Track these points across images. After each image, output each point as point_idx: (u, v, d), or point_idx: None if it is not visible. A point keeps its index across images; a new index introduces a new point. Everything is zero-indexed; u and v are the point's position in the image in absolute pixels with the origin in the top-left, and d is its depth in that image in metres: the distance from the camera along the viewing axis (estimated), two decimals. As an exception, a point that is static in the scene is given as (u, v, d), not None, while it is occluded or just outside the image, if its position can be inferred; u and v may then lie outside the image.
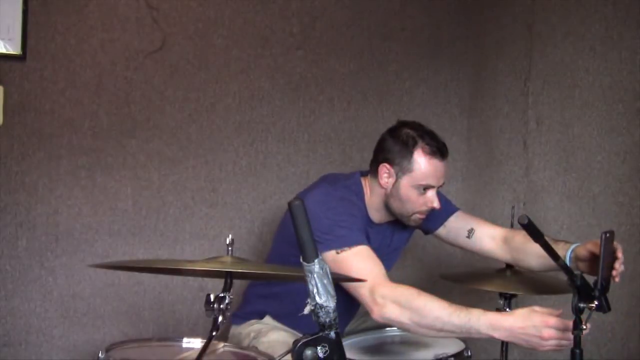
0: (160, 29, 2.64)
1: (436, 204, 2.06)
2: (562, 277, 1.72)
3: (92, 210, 2.57)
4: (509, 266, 2.25)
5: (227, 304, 1.53)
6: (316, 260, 1.19)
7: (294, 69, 2.83)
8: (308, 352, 1.19)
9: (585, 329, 1.57)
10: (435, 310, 1.74)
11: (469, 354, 1.86)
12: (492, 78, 2.96)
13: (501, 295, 2.14)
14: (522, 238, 2.10)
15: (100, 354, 1.65)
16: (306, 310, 1.22)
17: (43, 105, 2.50)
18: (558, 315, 1.69)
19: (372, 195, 2.12)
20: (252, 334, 2.16)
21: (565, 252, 1.95)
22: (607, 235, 1.63)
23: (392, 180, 2.05)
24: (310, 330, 1.87)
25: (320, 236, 1.81)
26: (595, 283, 1.64)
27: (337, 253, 1.89)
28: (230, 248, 1.65)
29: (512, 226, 2.31)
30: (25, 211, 2.50)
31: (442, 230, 2.29)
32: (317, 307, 1.19)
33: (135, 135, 2.62)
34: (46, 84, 2.51)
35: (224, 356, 1.84)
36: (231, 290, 1.56)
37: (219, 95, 2.73)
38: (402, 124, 2.10)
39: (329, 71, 2.88)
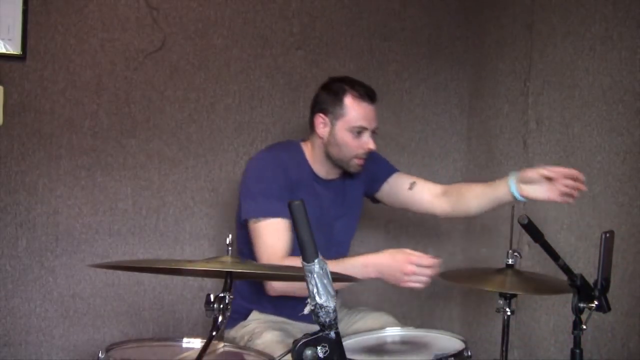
0: (160, 29, 2.64)
1: (371, 145, 2.20)
2: (562, 277, 1.72)
3: (92, 210, 2.58)
4: (509, 266, 2.25)
5: (227, 304, 1.53)
6: (316, 260, 1.19)
7: (294, 69, 2.83)
8: (308, 352, 1.19)
9: (585, 328, 1.57)
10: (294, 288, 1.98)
11: (469, 354, 1.86)
12: (492, 78, 2.96)
13: (501, 295, 2.14)
14: (458, 186, 2.41)
15: (100, 354, 1.65)
16: (306, 310, 1.22)
17: (43, 105, 2.51)
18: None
19: (315, 150, 2.26)
20: (246, 337, 2.18)
21: (507, 183, 2.15)
22: (607, 235, 1.63)
23: (328, 129, 2.20)
24: (294, 312, 1.99)
25: (246, 201, 2.12)
26: (595, 283, 1.65)
27: (254, 222, 2.10)
28: (230, 248, 1.65)
29: (512, 226, 2.31)
30: (25, 211, 2.50)
31: (385, 187, 2.41)
32: (317, 307, 1.19)
33: (135, 135, 2.62)
34: (46, 84, 2.51)
35: (224, 356, 1.84)
36: (231, 290, 1.56)
37: (219, 95, 2.73)
38: (333, 79, 2.27)
39: (329, 71, 2.87)
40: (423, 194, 2.39)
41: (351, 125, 2.18)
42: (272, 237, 2.06)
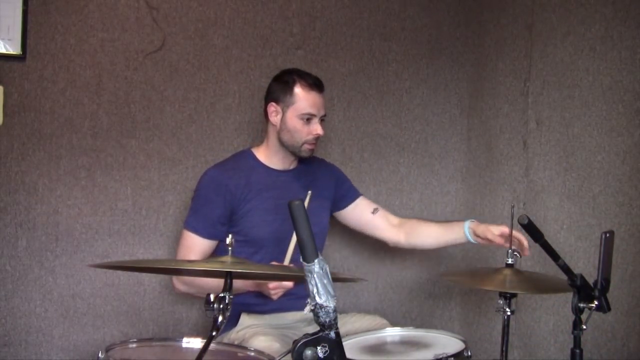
0: (160, 29, 2.64)
1: (319, 131, 2.35)
2: (562, 276, 1.72)
3: (92, 210, 2.58)
4: (508, 266, 2.25)
5: (227, 304, 1.53)
6: (316, 260, 1.19)
7: (294, 69, 2.83)
8: (308, 352, 1.19)
9: (584, 328, 1.57)
10: (210, 282, 2.12)
11: (469, 354, 1.86)
12: (492, 78, 2.96)
13: (501, 294, 2.13)
14: (416, 220, 2.60)
15: (100, 354, 1.65)
16: (306, 310, 1.22)
17: (43, 105, 2.51)
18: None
19: (269, 141, 2.41)
20: (237, 342, 2.21)
21: (462, 228, 2.41)
22: (607, 235, 1.63)
23: (279, 116, 2.36)
24: (279, 306, 2.20)
25: (188, 214, 2.36)
26: (595, 283, 1.65)
27: (183, 229, 2.36)
28: (230, 248, 1.65)
29: (512, 226, 2.31)
30: (25, 211, 2.50)
31: (350, 207, 2.58)
32: (317, 307, 1.19)
33: (135, 135, 2.62)
34: (46, 84, 2.51)
35: (224, 356, 1.84)
36: (231, 290, 1.56)
37: (219, 95, 2.73)
38: (284, 71, 2.42)
39: (329, 71, 2.88)
40: (383, 221, 2.57)
41: (300, 112, 2.32)
42: (185, 248, 2.32)
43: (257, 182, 2.36)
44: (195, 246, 2.31)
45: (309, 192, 2.30)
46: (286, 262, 2.21)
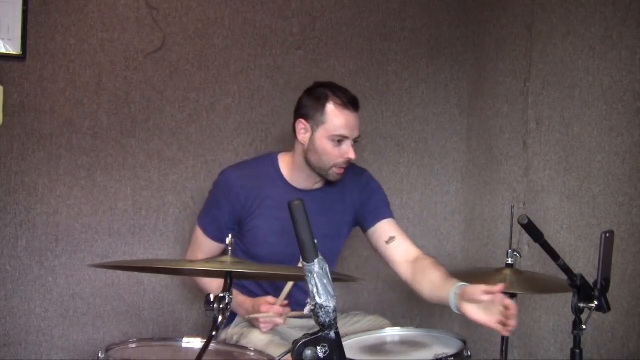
0: (160, 29, 2.64)
1: (351, 155, 2.15)
2: (562, 276, 1.72)
3: (92, 210, 2.58)
4: (508, 266, 2.25)
5: (227, 303, 1.53)
6: (316, 260, 1.19)
7: (294, 69, 2.83)
8: (308, 352, 1.19)
9: (584, 328, 1.57)
10: (208, 285, 2.19)
11: (469, 354, 1.86)
12: (492, 78, 2.96)
13: (501, 295, 2.13)
14: (428, 263, 2.18)
15: (100, 354, 1.65)
16: (306, 310, 1.22)
17: (43, 105, 2.51)
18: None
19: (295, 158, 2.23)
20: (235, 337, 2.20)
21: (451, 287, 1.97)
22: (607, 235, 1.63)
23: (308, 135, 2.17)
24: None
25: (202, 207, 2.33)
26: (595, 283, 1.65)
27: (196, 225, 2.32)
28: (230, 248, 1.66)
29: (512, 226, 2.31)
30: (25, 211, 2.50)
31: (370, 231, 2.32)
32: (317, 307, 1.19)
33: (135, 135, 2.62)
34: (46, 84, 2.51)
35: (224, 356, 1.85)
36: (231, 290, 1.56)
37: (219, 95, 2.73)
38: (317, 84, 2.22)
39: (329, 71, 2.88)
40: (396, 252, 2.27)
41: (332, 133, 2.13)
42: (195, 244, 2.33)
43: (270, 197, 2.21)
44: (203, 245, 2.29)
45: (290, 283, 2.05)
46: (280, 300, 2.06)
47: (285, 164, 2.27)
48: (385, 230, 2.30)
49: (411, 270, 2.22)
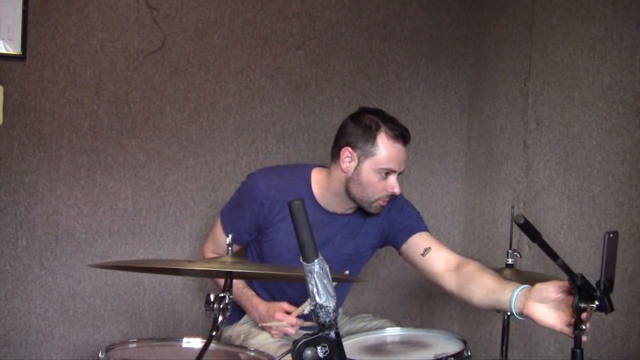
0: (160, 29, 2.64)
1: (397, 190, 2.06)
2: (563, 276, 1.71)
3: (92, 210, 2.58)
4: (508, 266, 2.25)
5: (227, 304, 1.53)
6: (316, 260, 1.19)
7: (294, 69, 2.83)
8: (308, 352, 1.19)
9: (585, 329, 1.57)
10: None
11: (469, 354, 1.86)
12: (492, 78, 2.97)
13: (501, 295, 2.13)
14: (474, 267, 1.99)
15: (100, 354, 1.65)
16: (306, 310, 1.22)
17: (43, 105, 2.51)
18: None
19: (331, 182, 2.11)
20: (242, 336, 2.19)
21: (514, 288, 1.79)
22: (611, 235, 1.63)
23: (354, 165, 2.05)
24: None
25: (229, 200, 2.29)
26: (598, 283, 1.64)
27: (218, 218, 2.27)
28: (230, 248, 1.65)
29: (512, 226, 2.31)
30: (25, 211, 2.50)
31: (404, 247, 2.19)
32: (317, 307, 1.19)
33: (135, 135, 2.62)
34: (46, 84, 2.51)
35: (224, 355, 1.85)
36: (231, 290, 1.56)
37: (219, 95, 2.73)
38: (364, 110, 2.11)
39: (329, 71, 2.88)
40: (434, 262, 2.09)
41: (380, 166, 2.03)
42: (213, 235, 2.30)
43: None
44: (220, 240, 2.21)
45: (346, 272, 1.98)
46: (295, 314, 2.00)
47: (317, 182, 2.16)
48: (419, 244, 2.15)
49: (455, 279, 2.02)
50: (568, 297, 1.63)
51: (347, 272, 1.96)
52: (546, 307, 1.68)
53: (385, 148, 2.03)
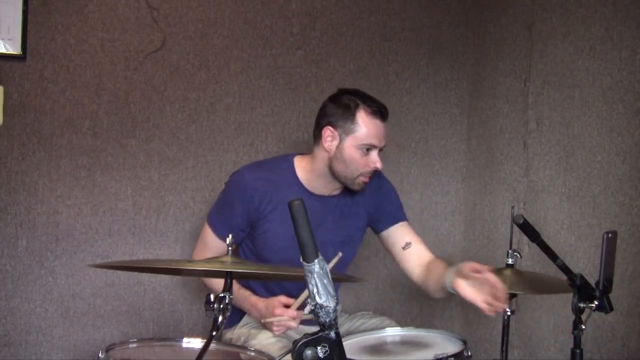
0: (160, 29, 2.64)
1: (379, 165, 2.13)
2: (563, 277, 1.72)
3: (92, 210, 2.58)
4: (509, 266, 2.25)
5: (227, 303, 1.53)
6: (316, 260, 1.19)
7: (294, 69, 2.83)
8: (308, 352, 1.19)
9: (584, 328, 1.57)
10: (215, 285, 2.13)
11: (469, 354, 1.86)
12: (492, 78, 2.97)
13: (501, 295, 2.13)
14: (434, 263, 2.21)
15: (100, 354, 1.65)
16: (306, 310, 1.22)
17: (43, 105, 2.51)
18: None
19: (315, 164, 2.19)
20: (242, 338, 2.19)
21: (449, 269, 2.02)
22: (610, 235, 1.63)
23: (335, 143, 2.13)
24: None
25: (214, 203, 2.28)
26: (597, 283, 1.64)
27: (205, 223, 2.26)
28: (230, 248, 1.65)
29: (512, 226, 2.31)
30: (25, 211, 2.50)
31: (384, 234, 2.32)
32: (317, 307, 1.19)
33: (135, 135, 2.62)
34: (46, 84, 2.51)
35: (224, 356, 1.85)
36: (231, 290, 1.56)
37: (219, 95, 2.73)
38: (342, 91, 2.20)
39: (329, 71, 2.88)
40: (412, 258, 2.28)
41: (361, 142, 2.10)
42: (203, 242, 2.27)
43: (284, 201, 2.01)
44: (212, 244, 2.21)
45: (339, 254, 1.99)
46: (294, 306, 2.02)
47: (301, 168, 2.22)
48: (401, 235, 2.29)
49: (423, 274, 2.23)
50: (487, 279, 1.86)
51: (340, 254, 1.98)
52: (468, 283, 1.93)
53: (364, 124, 2.10)
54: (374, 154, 2.13)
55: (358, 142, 2.10)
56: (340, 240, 2.22)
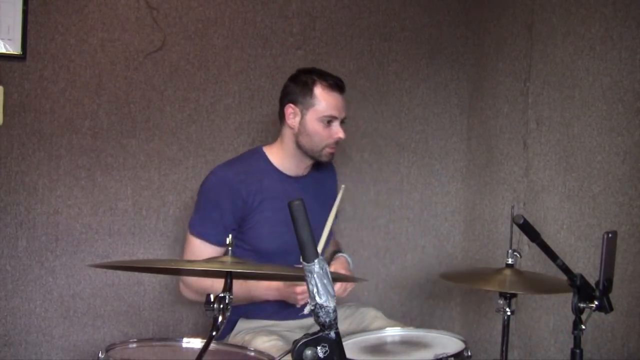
0: (160, 29, 2.64)
1: (341, 134, 2.25)
2: (563, 277, 1.72)
3: (92, 210, 2.58)
4: (508, 266, 2.25)
5: (227, 304, 1.53)
6: (316, 261, 1.19)
7: (294, 69, 2.81)
8: (308, 352, 1.19)
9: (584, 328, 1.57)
10: (216, 284, 2.01)
11: (469, 354, 1.86)
12: (492, 78, 2.97)
13: (501, 295, 2.14)
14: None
15: (100, 354, 1.65)
16: (306, 310, 1.22)
17: (43, 105, 2.51)
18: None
19: (283, 144, 2.29)
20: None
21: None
22: (610, 235, 1.63)
23: (298, 119, 2.24)
24: (279, 313, 2.18)
25: (194, 211, 2.24)
26: (597, 283, 1.64)
27: (188, 233, 2.23)
28: (230, 248, 1.65)
29: (512, 226, 2.30)
30: (25, 211, 2.50)
31: None
32: (317, 307, 1.19)
33: (135, 135, 2.62)
34: (46, 84, 2.51)
35: (224, 356, 1.85)
36: (231, 290, 1.56)
37: (219, 95, 2.73)
38: (300, 70, 2.32)
39: (329, 71, 2.87)
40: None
41: (322, 114, 2.22)
42: (193, 256, 2.19)
43: (270, 188, 2.23)
44: (205, 254, 2.15)
45: (343, 186, 2.25)
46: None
47: (273, 154, 2.31)
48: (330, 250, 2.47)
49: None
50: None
51: (343, 186, 2.23)
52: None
53: (323, 98, 2.22)
54: (335, 125, 2.24)
55: (318, 115, 2.22)
56: (320, 211, 2.30)
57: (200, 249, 2.18)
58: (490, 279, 2.16)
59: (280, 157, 2.30)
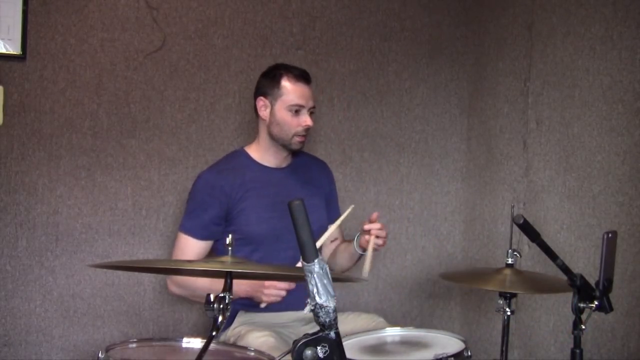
0: (160, 29, 2.64)
1: (309, 122, 2.35)
2: (563, 277, 1.72)
3: (92, 210, 2.58)
4: (508, 266, 2.25)
5: (227, 303, 1.53)
6: (316, 261, 1.19)
7: (294, 69, 2.83)
8: (308, 352, 1.19)
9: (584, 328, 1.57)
10: (199, 282, 2.23)
11: (469, 354, 1.86)
12: (492, 78, 2.96)
13: (501, 294, 2.14)
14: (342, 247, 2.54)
15: (100, 354, 1.65)
16: (306, 310, 1.22)
17: (43, 105, 2.51)
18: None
19: (260, 137, 2.42)
20: (232, 339, 2.22)
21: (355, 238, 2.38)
22: (610, 235, 1.63)
23: (269, 110, 2.37)
24: (276, 305, 2.18)
25: (182, 216, 2.38)
26: (597, 283, 1.64)
27: (178, 232, 2.37)
28: (230, 248, 1.65)
29: (512, 226, 2.31)
30: (25, 211, 2.50)
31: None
32: (317, 307, 1.19)
33: (135, 135, 2.62)
34: (46, 84, 2.51)
35: (224, 356, 1.85)
36: (231, 290, 1.56)
37: (219, 95, 2.73)
38: (271, 67, 2.44)
39: (329, 71, 2.88)
40: (331, 247, 2.57)
41: (289, 104, 2.33)
42: (179, 250, 2.34)
43: (252, 180, 2.37)
44: (189, 248, 2.32)
45: (352, 205, 2.31)
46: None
47: (253, 150, 2.44)
48: (337, 232, 2.54)
49: (328, 253, 2.56)
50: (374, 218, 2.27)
51: (352, 206, 2.29)
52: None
53: (289, 88, 2.34)
54: (303, 114, 2.35)
55: (286, 104, 2.34)
56: (310, 194, 2.42)
57: (186, 244, 2.33)
58: (490, 279, 2.16)
59: (259, 151, 2.42)
